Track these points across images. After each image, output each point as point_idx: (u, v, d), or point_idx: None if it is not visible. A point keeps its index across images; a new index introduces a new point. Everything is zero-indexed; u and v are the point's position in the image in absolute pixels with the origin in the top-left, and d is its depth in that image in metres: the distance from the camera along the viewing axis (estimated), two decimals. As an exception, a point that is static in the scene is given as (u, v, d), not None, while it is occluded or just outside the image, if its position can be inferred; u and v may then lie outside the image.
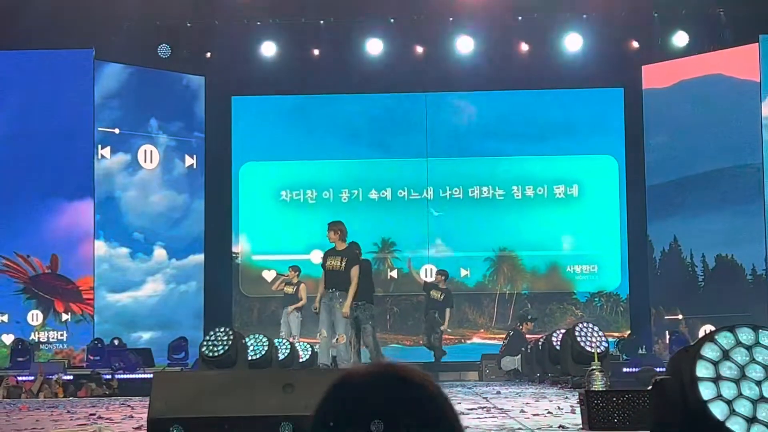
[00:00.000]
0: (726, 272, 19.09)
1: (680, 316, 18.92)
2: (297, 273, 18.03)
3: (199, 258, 19.76)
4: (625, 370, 15.49)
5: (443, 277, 18.09)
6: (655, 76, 19.58)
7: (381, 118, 20.61)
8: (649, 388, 4.20)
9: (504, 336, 18.15)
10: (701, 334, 16.66)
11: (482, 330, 20.22)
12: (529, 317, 18.23)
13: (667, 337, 18.44)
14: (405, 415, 1.73)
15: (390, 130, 20.49)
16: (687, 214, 19.43)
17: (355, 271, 12.97)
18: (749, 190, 18.67)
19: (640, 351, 17.87)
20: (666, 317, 19.18)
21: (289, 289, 17.85)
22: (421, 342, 18.74)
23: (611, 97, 20.25)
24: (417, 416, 1.74)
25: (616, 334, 18.73)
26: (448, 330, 18.23)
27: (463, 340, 19.98)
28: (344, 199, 20.36)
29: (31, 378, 14.47)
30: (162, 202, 19.62)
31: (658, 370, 14.43)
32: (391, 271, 20.11)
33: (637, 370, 15.19)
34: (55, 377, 14.40)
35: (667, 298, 19.46)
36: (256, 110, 20.70)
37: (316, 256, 19.81)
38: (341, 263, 13.00)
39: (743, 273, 19.02)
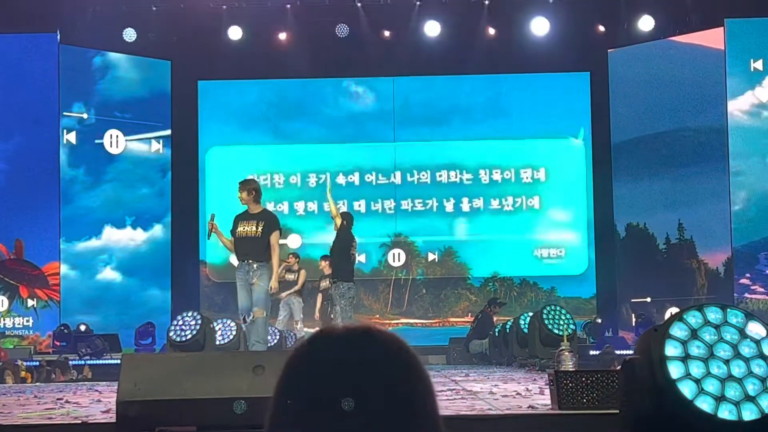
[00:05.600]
0: (638, 242, 19.30)
1: (648, 299, 19.01)
2: (297, 260, 17.70)
3: (167, 241, 19.69)
4: (591, 352, 15.59)
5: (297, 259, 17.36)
6: (620, 59, 19.67)
7: (348, 102, 20.59)
8: (618, 367, 4.22)
9: (472, 320, 18.18)
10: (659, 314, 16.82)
11: (377, 315, 20.18)
12: (498, 301, 18.26)
13: (634, 319, 18.55)
14: (376, 384, 1.69)
15: (358, 114, 20.47)
16: (626, 180, 19.59)
17: (275, 238, 10.86)
18: (688, 152, 18.85)
19: (606, 334, 17.98)
20: (632, 300, 19.26)
21: (290, 276, 17.68)
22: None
23: (578, 81, 20.30)
24: (393, 371, 1.71)
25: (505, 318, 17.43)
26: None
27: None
28: (311, 184, 20.32)
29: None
30: (128, 188, 19.49)
31: (619, 352, 14.57)
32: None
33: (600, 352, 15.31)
34: (19, 363, 14.31)
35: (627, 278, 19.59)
36: (223, 94, 20.62)
37: (293, 241, 19.75)
38: (257, 228, 10.83)
39: (655, 243, 19.22)
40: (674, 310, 15.70)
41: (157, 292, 19.52)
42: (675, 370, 3.75)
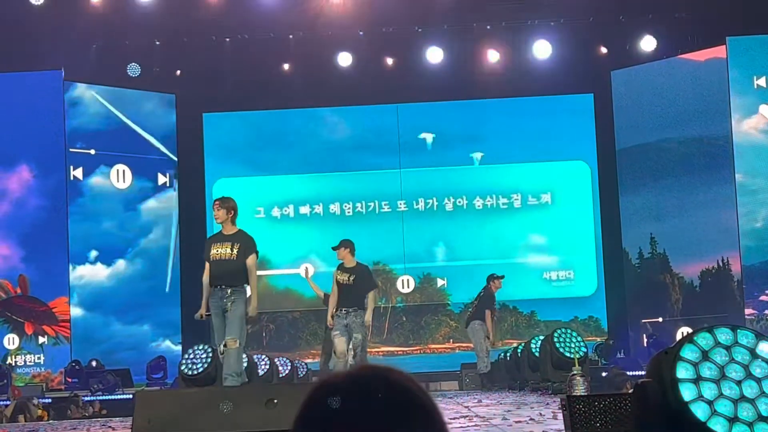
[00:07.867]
0: (644, 261, 19.46)
1: (660, 319, 18.99)
2: None
3: (175, 274, 19.69)
4: (603, 374, 15.56)
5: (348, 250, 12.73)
6: (623, 79, 19.74)
7: (352, 130, 20.60)
8: (631, 391, 4.21)
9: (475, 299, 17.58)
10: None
11: None
12: (496, 275, 17.33)
13: (645, 340, 18.52)
14: (387, 419, 1.69)
15: (363, 143, 20.47)
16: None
17: (252, 260, 10.14)
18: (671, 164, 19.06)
19: (618, 355, 17.95)
20: (642, 320, 19.24)
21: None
22: (298, 358, 18.40)
23: (582, 103, 20.31)
24: (400, 420, 1.70)
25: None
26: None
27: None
28: (321, 214, 20.32)
29: (8, 403, 14.38)
30: (135, 222, 19.52)
31: (629, 373, 14.54)
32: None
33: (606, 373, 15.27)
34: (35, 401, 14.29)
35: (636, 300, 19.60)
36: (228, 126, 20.65)
37: (305, 270, 19.69)
38: (232, 250, 10.12)
39: (628, 258, 19.41)
40: (687, 330, 15.71)
41: (167, 327, 19.50)
42: (687, 392, 3.74)
